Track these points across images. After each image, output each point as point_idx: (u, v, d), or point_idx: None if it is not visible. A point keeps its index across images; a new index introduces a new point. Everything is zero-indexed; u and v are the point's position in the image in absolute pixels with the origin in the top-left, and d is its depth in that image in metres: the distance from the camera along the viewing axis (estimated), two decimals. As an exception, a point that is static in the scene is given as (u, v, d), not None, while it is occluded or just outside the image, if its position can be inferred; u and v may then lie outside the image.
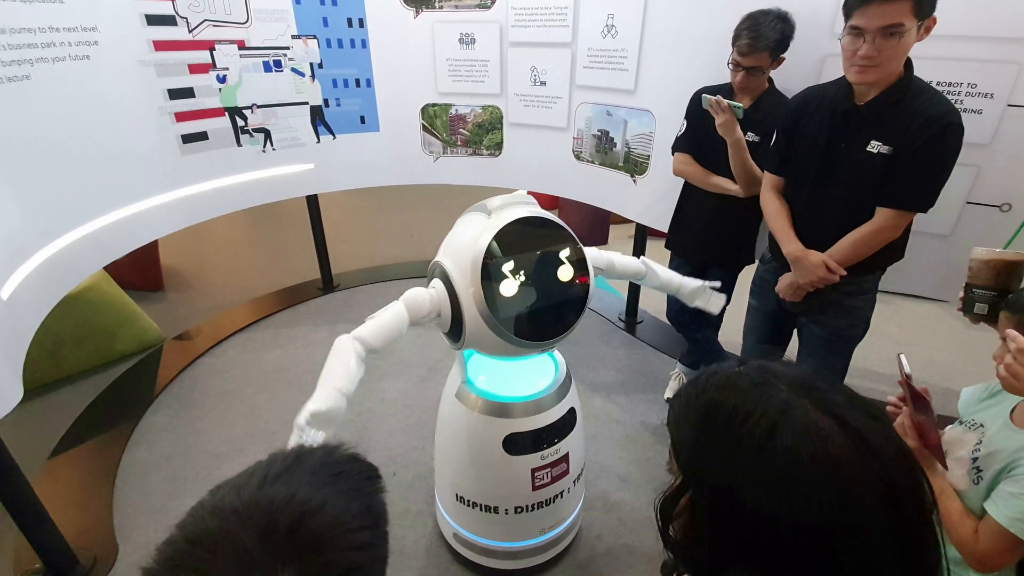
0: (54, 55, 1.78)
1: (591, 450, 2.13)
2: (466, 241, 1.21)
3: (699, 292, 1.62)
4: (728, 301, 2.22)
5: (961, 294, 1.16)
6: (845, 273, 1.47)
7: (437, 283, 1.26)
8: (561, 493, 1.50)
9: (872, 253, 1.47)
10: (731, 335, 2.33)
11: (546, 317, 1.23)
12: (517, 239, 1.20)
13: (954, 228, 1.82)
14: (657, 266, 1.57)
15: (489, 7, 2.72)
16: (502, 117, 2.96)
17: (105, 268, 2.73)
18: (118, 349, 2.67)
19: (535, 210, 1.26)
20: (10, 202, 1.63)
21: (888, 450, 0.45)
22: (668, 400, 2.41)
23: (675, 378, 2.48)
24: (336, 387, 1.06)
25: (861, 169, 1.41)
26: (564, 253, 1.25)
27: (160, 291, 3.48)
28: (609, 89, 2.53)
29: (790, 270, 1.61)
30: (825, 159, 1.48)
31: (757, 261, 1.89)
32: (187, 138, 2.42)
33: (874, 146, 1.38)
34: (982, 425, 1.03)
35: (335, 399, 1.05)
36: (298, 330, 2.97)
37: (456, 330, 1.25)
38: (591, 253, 1.37)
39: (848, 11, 1.28)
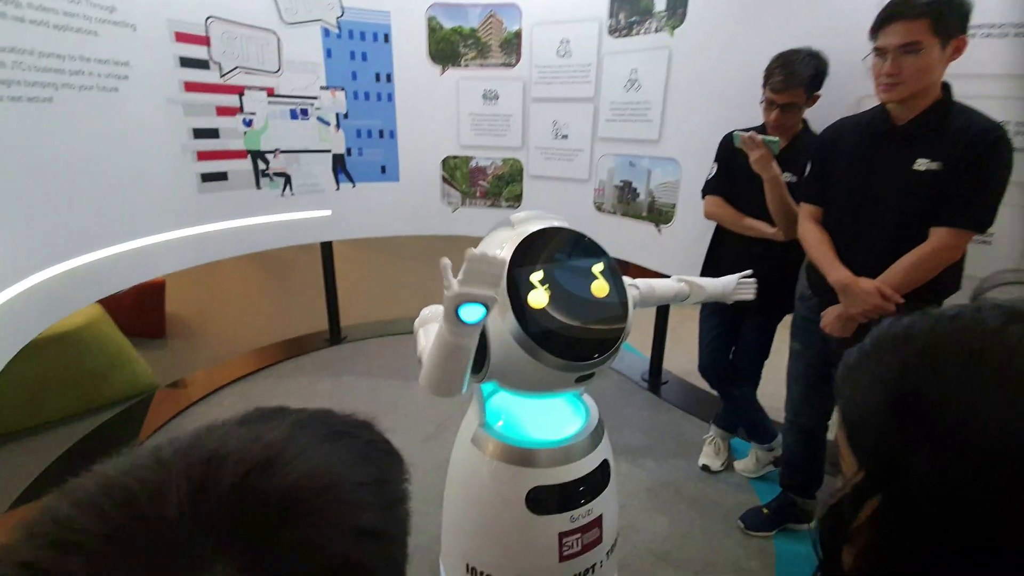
0: (81, 83, 1.79)
1: (620, 523, 1.86)
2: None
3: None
4: (767, 355, 2.04)
5: None
6: (902, 301, 1.35)
7: (458, 303, 1.12)
8: (593, 567, 1.25)
9: (928, 279, 1.35)
10: (768, 399, 2.12)
11: (582, 335, 1.07)
12: (544, 250, 1.09)
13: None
14: (697, 279, 1.47)
15: (513, 65, 2.80)
16: (522, 169, 2.95)
17: (107, 311, 2.64)
18: (106, 394, 2.50)
19: (562, 223, 1.15)
20: (10, 219, 1.56)
21: None
22: (704, 467, 2.15)
23: (709, 442, 2.22)
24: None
25: (909, 188, 1.35)
26: (597, 267, 1.12)
27: (162, 338, 3.35)
28: (632, 140, 2.51)
29: (835, 303, 1.47)
30: (868, 182, 1.42)
31: (796, 300, 1.74)
32: (206, 177, 2.40)
33: (921, 163, 1.33)
34: None
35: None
36: (300, 381, 2.78)
37: (479, 354, 1.08)
38: (626, 280, 1.24)
39: (872, 34, 1.32)
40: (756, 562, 1.70)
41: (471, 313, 0.87)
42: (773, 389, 2.34)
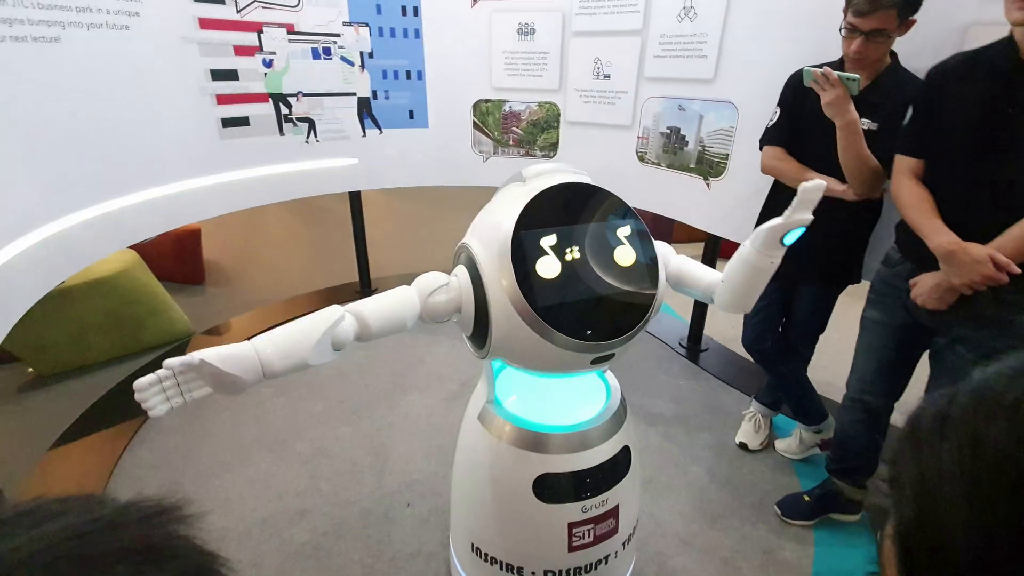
0: (89, 21, 1.70)
1: (644, 500, 1.76)
2: (497, 215, 0.93)
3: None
4: (822, 329, 1.82)
5: None
6: (1019, 271, 1.13)
7: (460, 270, 0.99)
8: (606, 558, 1.16)
9: None
10: (819, 373, 1.92)
11: (600, 310, 0.92)
12: (559, 209, 0.93)
13: None
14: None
15: (552, -6, 2.50)
16: (559, 115, 2.71)
17: (146, 259, 2.68)
18: (144, 340, 2.57)
19: (583, 178, 0.98)
20: (21, 165, 1.52)
21: None
22: (741, 445, 2.00)
23: (749, 419, 2.06)
24: (257, 346, 0.82)
25: None
26: (622, 231, 0.95)
27: (201, 285, 3.43)
28: (683, 80, 2.22)
29: (931, 270, 1.26)
30: (987, 132, 1.17)
31: (880, 264, 1.50)
32: (227, 122, 2.31)
33: None
34: None
35: (239, 358, 0.80)
36: (328, 333, 2.78)
37: (481, 329, 0.96)
38: (661, 249, 1.06)
39: None
40: (791, 553, 1.57)
41: None
42: (827, 362, 2.13)
